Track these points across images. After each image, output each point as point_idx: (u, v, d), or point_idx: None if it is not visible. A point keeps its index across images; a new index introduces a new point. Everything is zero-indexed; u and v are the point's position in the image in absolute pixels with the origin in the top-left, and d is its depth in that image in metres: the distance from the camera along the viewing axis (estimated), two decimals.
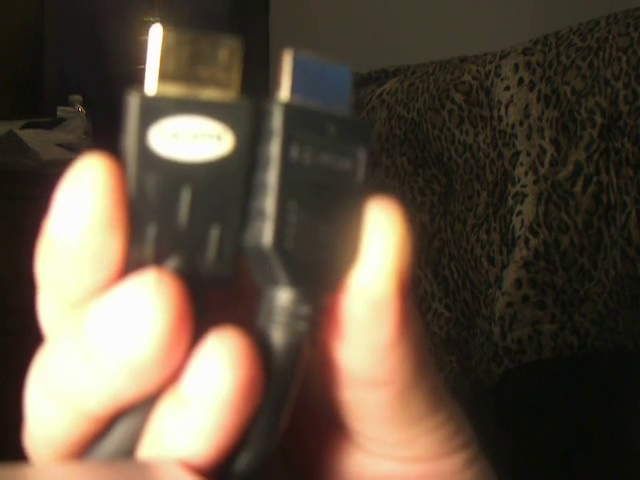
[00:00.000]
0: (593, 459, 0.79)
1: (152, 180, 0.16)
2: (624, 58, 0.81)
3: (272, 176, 0.17)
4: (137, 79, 0.16)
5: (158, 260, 0.16)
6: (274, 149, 0.17)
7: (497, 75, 0.93)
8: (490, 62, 0.95)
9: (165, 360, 0.16)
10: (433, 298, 0.95)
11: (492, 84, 0.93)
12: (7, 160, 1.34)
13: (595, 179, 0.82)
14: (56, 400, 0.17)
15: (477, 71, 0.95)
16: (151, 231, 0.16)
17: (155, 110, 0.16)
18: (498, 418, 0.89)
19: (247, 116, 0.17)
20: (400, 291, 0.17)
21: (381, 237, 0.17)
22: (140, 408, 0.17)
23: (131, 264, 0.16)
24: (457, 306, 0.93)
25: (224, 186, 0.17)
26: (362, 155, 0.18)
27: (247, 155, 0.17)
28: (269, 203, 0.17)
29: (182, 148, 0.16)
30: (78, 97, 1.53)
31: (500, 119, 0.91)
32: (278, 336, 0.17)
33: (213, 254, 0.17)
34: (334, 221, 0.17)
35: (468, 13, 1.53)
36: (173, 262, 0.16)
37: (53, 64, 1.66)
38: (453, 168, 0.96)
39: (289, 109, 0.17)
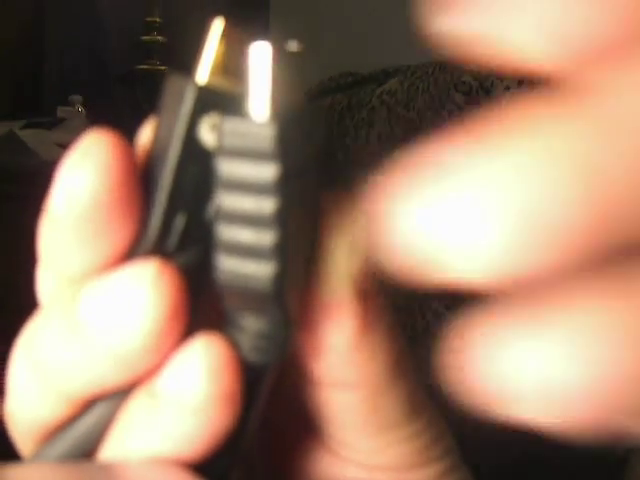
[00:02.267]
0: (593, 460, 0.79)
1: (192, 171, 0.16)
2: None
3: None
4: (137, 79, 0.16)
5: (180, 248, 0.16)
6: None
7: (497, 75, 0.93)
8: None
9: (152, 352, 0.15)
10: (433, 298, 0.95)
11: (492, 84, 0.93)
12: (7, 160, 1.34)
13: None
14: (37, 374, 0.17)
15: (477, 71, 0.95)
16: (180, 220, 0.16)
17: (207, 102, 0.16)
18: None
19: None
20: (358, 294, 0.17)
21: (341, 240, 0.17)
22: (116, 396, 0.17)
23: (149, 245, 0.16)
24: (457, 306, 0.93)
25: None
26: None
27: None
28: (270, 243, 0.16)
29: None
30: (78, 97, 1.53)
31: None
32: (248, 353, 0.17)
33: None
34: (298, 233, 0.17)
35: None
36: (188, 255, 0.16)
37: (53, 64, 1.66)
38: None
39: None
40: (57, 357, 0.16)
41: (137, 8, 1.60)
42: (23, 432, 0.18)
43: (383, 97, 1.06)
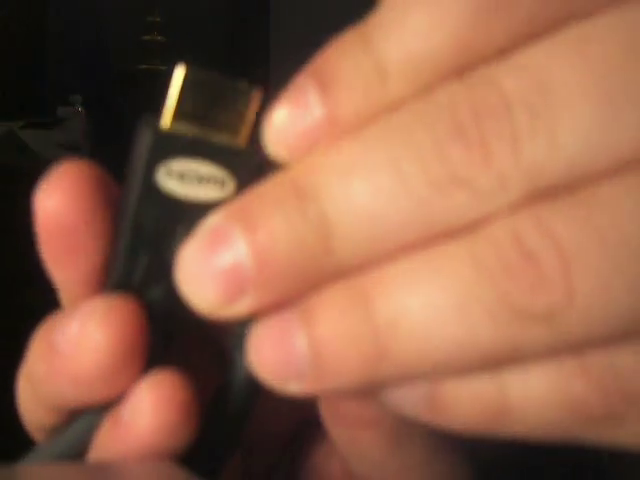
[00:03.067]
0: (595, 461, 0.79)
1: (151, 213, 0.17)
2: None
3: None
4: (137, 79, 0.16)
5: (143, 286, 0.17)
6: None
7: None
8: None
9: (107, 380, 0.16)
10: None
11: None
12: (7, 160, 1.34)
13: None
14: (27, 382, 0.18)
15: None
16: (143, 260, 0.17)
17: (167, 148, 0.16)
18: None
19: (251, 165, 0.17)
20: None
21: None
22: (101, 409, 0.18)
23: (116, 281, 0.17)
24: None
25: None
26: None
27: None
28: None
29: (186, 189, 0.17)
30: (78, 97, 1.53)
31: None
32: (241, 362, 0.18)
33: None
34: None
35: None
36: (156, 292, 0.17)
37: (53, 64, 1.66)
38: None
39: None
40: (36, 370, 0.18)
41: (137, 8, 1.60)
42: (33, 431, 0.20)
43: None
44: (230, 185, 0.17)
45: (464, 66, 0.14)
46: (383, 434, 0.18)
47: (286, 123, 0.15)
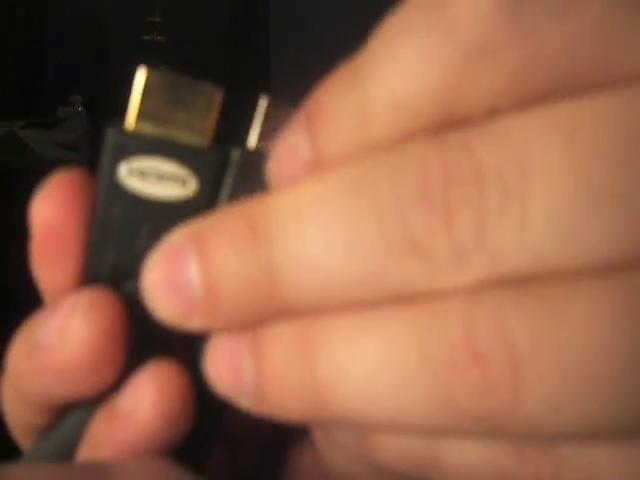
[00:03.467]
0: None
1: (116, 211, 0.17)
2: None
3: None
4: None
5: (114, 281, 0.18)
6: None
7: None
8: None
9: (91, 371, 0.17)
10: None
11: None
12: (7, 160, 1.34)
13: None
14: (9, 381, 0.19)
15: None
16: (110, 255, 0.18)
17: (128, 148, 0.17)
18: None
19: (213, 165, 0.17)
20: None
21: None
22: (90, 405, 0.18)
23: (88, 278, 0.18)
24: None
25: (183, 224, 0.17)
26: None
27: (208, 199, 0.18)
28: None
29: (148, 187, 0.17)
30: (78, 97, 1.53)
31: None
32: None
33: None
34: None
35: None
36: (129, 285, 0.18)
37: (53, 64, 1.66)
38: None
39: (249, 155, 0.18)
40: (20, 369, 0.18)
41: (137, 8, 1.60)
42: (18, 433, 0.20)
43: None
44: (192, 183, 0.17)
45: (448, 118, 0.13)
46: (378, 468, 0.18)
47: (278, 161, 0.15)
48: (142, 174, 0.17)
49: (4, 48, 1.56)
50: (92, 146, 1.46)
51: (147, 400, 0.16)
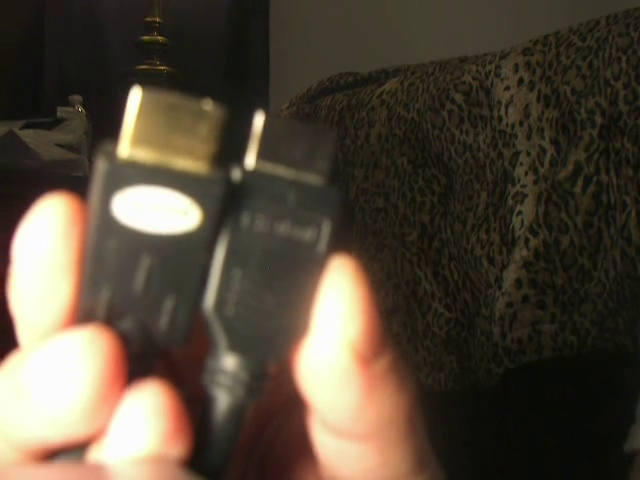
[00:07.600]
0: (593, 460, 0.79)
1: (111, 245, 0.16)
2: (624, 58, 0.81)
3: (220, 244, 0.17)
4: (137, 79, 0.16)
5: (110, 319, 0.16)
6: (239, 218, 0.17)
7: (497, 75, 0.93)
8: (490, 62, 0.95)
9: (90, 415, 0.16)
10: (433, 298, 0.95)
11: (492, 84, 0.93)
12: (7, 160, 1.34)
13: (595, 179, 0.82)
14: None
15: (477, 71, 0.95)
16: (105, 293, 0.16)
17: (121, 178, 0.16)
18: (498, 418, 0.89)
19: (218, 193, 0.16)
20: (360, 357, 0.17)
21: (336, 304, 0.17)
22: (78, 450, 0.17)
23: (82, 316, 0.16)
24: (457, 306, 0.93)
25: (185, 258, 0.16)
26: (326, 226, 0.17)
27: (213, 230, 0.16)
28: (214, 269, 0.17)
29: (145, 219, 0.16)
30: (78, 97, 1.53)
31: (500, 119, 0.91)
32: (219, 397, 0.18)
33: (166, 321, 0.17)
34: (284, 291, 0.17)
35: (468, 13, 1.53)
36: (125, 323, 0.16)
37: (53, 64, 1.66)
38: (453, 168, 0.96)
39: (248, 176, 0.16)
40: (5, 416, 0.17)
41: (137, 8, 1.60)
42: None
43: (383, 97, 1.06)
44: (195, 214, 0.16)
45: None
46: (373, 448, 0.18)
47: None
48: (138, 206, 0.16)
49: (4, 48, 1.56)
50: (92, 146, 1.45)
51: (136, 420, 0.16)
